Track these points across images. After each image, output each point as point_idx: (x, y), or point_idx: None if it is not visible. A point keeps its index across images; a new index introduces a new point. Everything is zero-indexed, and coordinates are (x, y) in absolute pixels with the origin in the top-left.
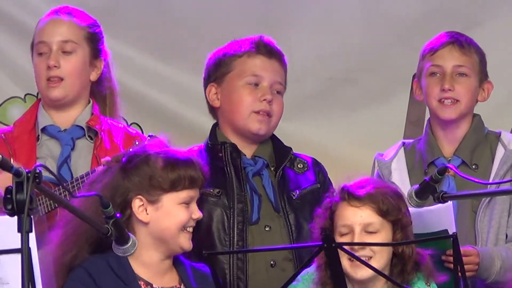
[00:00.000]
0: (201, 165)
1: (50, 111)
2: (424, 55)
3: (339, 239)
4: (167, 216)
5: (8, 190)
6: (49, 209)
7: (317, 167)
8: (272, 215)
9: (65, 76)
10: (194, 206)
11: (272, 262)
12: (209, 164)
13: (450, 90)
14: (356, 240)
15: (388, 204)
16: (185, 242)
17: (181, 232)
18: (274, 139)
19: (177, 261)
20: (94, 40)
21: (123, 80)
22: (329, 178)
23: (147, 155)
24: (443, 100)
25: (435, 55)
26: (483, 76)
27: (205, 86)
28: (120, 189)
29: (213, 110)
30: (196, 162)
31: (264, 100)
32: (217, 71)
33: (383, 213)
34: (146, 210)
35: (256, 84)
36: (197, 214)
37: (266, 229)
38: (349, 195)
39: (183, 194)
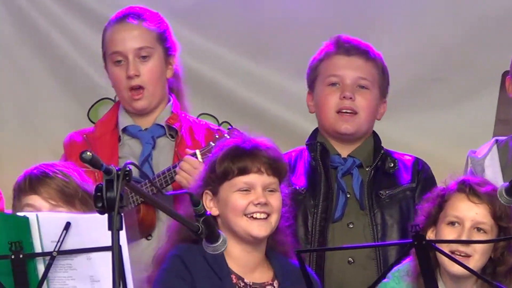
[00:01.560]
0: (265, 152)
1: (130, 112)
2: None
3: (445, 228)
4: (226, 206)
5: (98, 188)
6: (135, 204)
7: (418, 166)
8: (357, 213)
9: (145, 84)
10: (256, 191)
11: (350, 259)
12: (307, 163)
13: None
14: (464, 235)
15: (504, 210)
16: (252, 229)
17: (243, 219)
18: (375, 139)
19: (274, 257)
20: (164, 39)
21: (214, 78)
22: (433, 178)
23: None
24: None
25: None
26: None
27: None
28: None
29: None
30: (256, 150)
31: (344, 97)
32: (309, 78)
33: (496, 217)
34: (214, 203)
35: (338, 84)
36: (259, 199)
37: (350, 226)
38: (471, 189)
39: (235, 182)
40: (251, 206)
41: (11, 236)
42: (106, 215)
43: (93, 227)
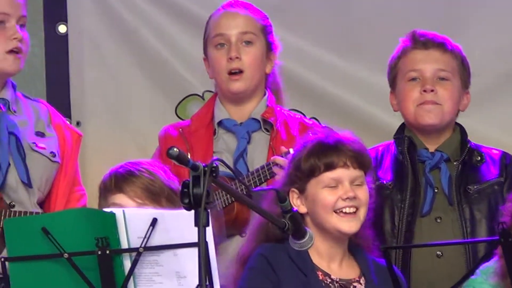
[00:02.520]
0: (349, 145)
1: (226, 104)
2: None
3: None
4: (315, 203)
5: (185, 184)
6: (226, 204)
7: (506, 160)
8: (446, 208)
9: (245, 68)
10: (344, 186)
11: (438, 253)
12: (394, 158)
13: None
14: None
15: None
16: (342, 225)
17: (333, 215)
18: (462, 133)
19: (359, 254)
20: (268, 33)
21: (302, 74)
22: None
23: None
24: None
25: None
26: None
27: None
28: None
29: None
30: (340, 144)
31: (424, 91)
32: (390, 77)
33: None
34: (301, 201)
35: (418, 78)
36: (347, 193)
37: (438, 220)
38: None
39: (323, 178)
40: (340, 201)
41: (98, 232)
42: (192, 211)
43: (179, 223)
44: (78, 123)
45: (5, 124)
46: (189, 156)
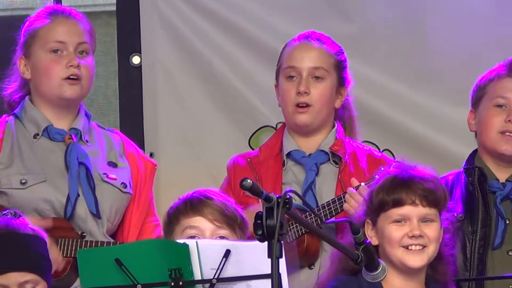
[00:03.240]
0: (421, 183)
1: (295, 136)
2: None
3: None
4: (383, 236)
5: (258, 216)
6: (297, 236)
7: None
8: None
9: (313, 103)
10: (411, 223)
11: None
12: (464, 188)
13: None
14: None
15: None
16: (408, 260)
17: (399, 250)
18: None
19: (432, 286)
20: (341, 68)
21: (373, 105)
22: None
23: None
24: None
25: None
26: None
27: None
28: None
29: None
30: (412, 181)
31: (510, 121)
32: (474, 96)
33: None
34: (374, 233)
35: (505, 106)
36: (413, 231)
37: (510, 253)
38: None
39: (391, 213)
40: (406, 238)
41: (171, 263)
42: (266, 242)
43: (252, 254)
44: (151, 154)
45: (75, 154)
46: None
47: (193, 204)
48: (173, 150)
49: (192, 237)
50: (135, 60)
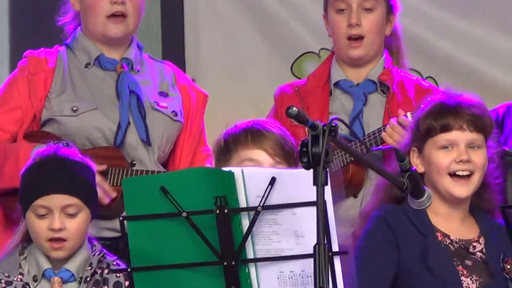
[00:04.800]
0: (468, 108)
1: (343, 66)
2: None
3: None
4: (430, 164)
5: (304, 143)
6: (344, 164)
7: None
8: None
9: (365, 34)
10: (459, 148)
11: None
12: None
13: None
14: None
15: None
16: (454, 189)
17: (446, 178)
18: None
19: (480, 215)
20: None
21: (422, 35)
22: None
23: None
24: None
25: None
26: None
27: None
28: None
29: None
30: (459, 106)
31: None
32: None
33: None
34: (420, 161)
35: None
36: (461, 156)
37: None
38: None
39: (438, 139)
40: (453, 164)
41: (216, 191)
42: (311, 170)
43: (298, 182)
44: (193, 80)
45: (126, 83)
46: None
47: (254, 136)
48: (215, 78)
49: None
50: None
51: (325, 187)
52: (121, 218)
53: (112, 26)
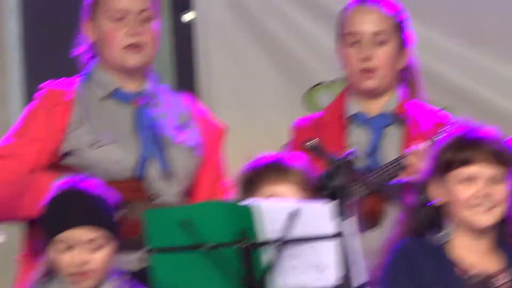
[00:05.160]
0: (488, 142)
1: (359, 98)
2: None
3: None
4: (450, 196)
5: (323, 176)
6: (361, 196)
7: None
8: None
9: (377, 67)
10: (478, 183)
11: None
12: None
13: None
14: None
15: None
16: (474, 220)
17: (466, 210)
18: None
19: (504, 247)
20: (402, 28)
21: (432, 65)
22: None
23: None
24: None
25: None
26: None
27: None
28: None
29: None
30: (479, 140)
31: None
32: None
33: None
34: (440, 193)
35: None
36: (481, 191)
37: None
38: None
39: (458, 173)
40: (474, 198)
41: (238, 224)
42: (331, 203)
43: (318, 215)
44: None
45: (144, 116)
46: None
47: (279, 171)
48: (227, 108)
49: None
50: (188, 17)
51: (345, 221)
52: (142, 251)
53: (129, 57)
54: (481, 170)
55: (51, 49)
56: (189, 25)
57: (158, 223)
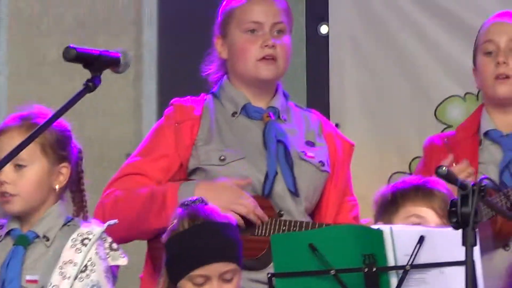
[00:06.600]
0: None
1: (493, 114)
2: None
3: None
4: None
5: (453, 203)
6: (490, 216)
7: None
8: None
9: None
10: None
11: None
12: None
13: None
14: None
15: None
16: None
17: None
18: None
19: None
20: None
21: None
22: None
23: None
24: None
25: None
26: None
27: None
28: None
29: None
30: None
31: None
32: None
33: None
34: None
35: None
36: None
37: None
38: None
39: None
40: None
41: (365, 249)
42: (460, 230)
43: (447, 241)
44: (336, 125)
45: (274, 132)
46: (454, 166)
47: (424, 193)
48: (359, 122)
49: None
50: (323, 29)
51: (474, 248)
52: (269, 275)
53: (263, 68)
54: None
55: (186, 62)
56: (326, 37)
57: (285, 247)
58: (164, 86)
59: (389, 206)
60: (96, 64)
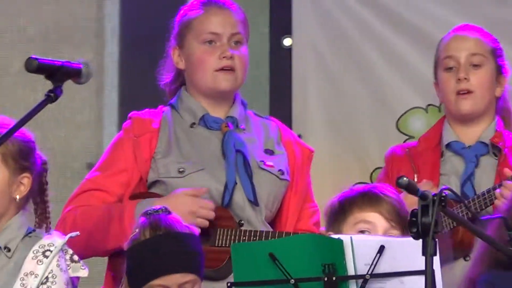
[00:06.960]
0: None
1: (455, 127)
2: None
3: None
4: None
5: (413, 213)
6: (451, 227)
7: None
8: None
9: (474, 89)
10: None
11: None
12: None
13: None
14: None
15: None
16: None
17: None
18: None
19: None
20: (498, 55)
21: None
22: None
23: None
24: None
25: None
26: None
27: None
28: None
29: None
30: None
31: None
32: None
33: None
34: None
35: None
36: None
37: None
38: None
39: None
40: None
41: (325, 258)
42: (420, 240)
43: (407, 250)
44: (299, 136)
45: (232, 142)
46: (415, 177)
47: (371, 199)
48: (321, 133)
49: (362, 231)
50: (286, 42)
51: (434, 258)
52: (229, 284)
53: (222, 78)
54: None
55: (147, 73)
56: (289, 49)
57: (245, 256)
58: (126, 97)
59: (337, 215)
60: (58, 74)
